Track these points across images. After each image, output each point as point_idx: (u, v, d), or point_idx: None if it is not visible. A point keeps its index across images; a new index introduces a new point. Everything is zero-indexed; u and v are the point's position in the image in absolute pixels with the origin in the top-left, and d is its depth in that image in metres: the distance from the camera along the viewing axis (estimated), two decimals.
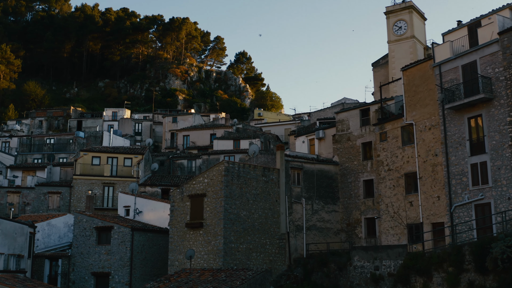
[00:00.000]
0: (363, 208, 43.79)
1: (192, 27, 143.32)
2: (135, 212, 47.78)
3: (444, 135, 37.27)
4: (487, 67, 35.33)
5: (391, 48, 56.47)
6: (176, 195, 41.10)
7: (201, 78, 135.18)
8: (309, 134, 49.35)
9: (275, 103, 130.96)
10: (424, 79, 39.43)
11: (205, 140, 74.01)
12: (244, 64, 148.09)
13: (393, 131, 41.34)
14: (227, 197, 38.62)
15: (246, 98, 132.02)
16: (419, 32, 56.77)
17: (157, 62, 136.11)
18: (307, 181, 43.86)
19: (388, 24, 56.98)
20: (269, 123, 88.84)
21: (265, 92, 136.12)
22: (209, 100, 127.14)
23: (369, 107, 44.91)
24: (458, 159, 36.32)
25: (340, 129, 46.30)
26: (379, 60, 60.73)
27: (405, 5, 56.48)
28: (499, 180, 33.87)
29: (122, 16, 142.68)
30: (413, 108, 40.03)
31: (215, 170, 39.39)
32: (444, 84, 37.75)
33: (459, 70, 36.96)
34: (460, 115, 36.50)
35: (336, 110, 77.28)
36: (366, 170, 44.09)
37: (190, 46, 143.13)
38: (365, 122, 44.90)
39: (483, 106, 35.22)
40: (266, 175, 41.22)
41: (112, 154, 59.11)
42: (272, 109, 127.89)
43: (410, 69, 40.59)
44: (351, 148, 45.29)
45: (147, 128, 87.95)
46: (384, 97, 45.39)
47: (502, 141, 33.95)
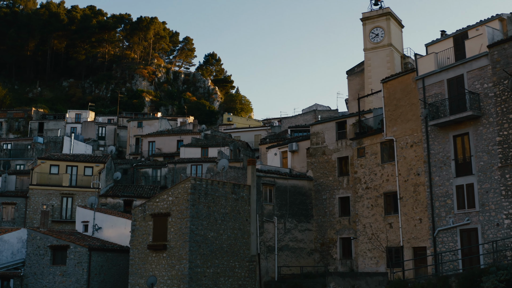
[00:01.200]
0: (338, 227, 40.88)
1: (160, 27, 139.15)
2: (94, 228, 44.10)
3: (427, 154, 34.55)
4: (475, 82, 32.68)
5: (367, 56, 53.75)
6: (138, 213, 37.61)
7: (169, 79, 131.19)
8: (281, 146, 46.31)
9: (244, 106, 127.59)
10: (406, 93, 36.67)
11: (172, 146, 70.43)
12: (214, 66, 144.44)
13: (372, 147, 38.50)
14: (193, 217, 35.30)
15: (215, 100, 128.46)
16: (396, 40, 54.20)
17: (124, 62, 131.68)
18: (280, 198, 40.78)
19: (364, 31, 54.24)
20: (238, 129, 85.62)
21: (234, 95, 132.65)
22: (177, 102, 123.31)
23: (346, 120, 42.02)
24: (442, 180, 33.61)
25: (315, 142, 43.32)
26: (354, 68, 58.00)
27: (382, 12, 53.81)
28: (487, 204, 31.24)
29: (88, 14, 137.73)
30: (393, 123, 37.23)
31: (181, 188, 36.02)
32: (428, 98, 35.02)
33: (445, 84, 34.26)
34: (445, 133, 33.80)
35: (307, 117, 74.80)
36: (342, 187, 41.18)
37: (158, 47, 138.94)
38: (342, 135, 42.02)
39: (470, 124, 32.57)
40: (236, 192, 37.99)
41: (71, 163, 55.14)
42: (242, 113, 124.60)
43: (391, 81, 37.79)
44: (326, 162, 42.35)
45: (111, 132, 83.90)
46: (362, 109, 42.53)
47: (491, 162, 31.32)
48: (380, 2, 54.98)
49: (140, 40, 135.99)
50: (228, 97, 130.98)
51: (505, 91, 31.10)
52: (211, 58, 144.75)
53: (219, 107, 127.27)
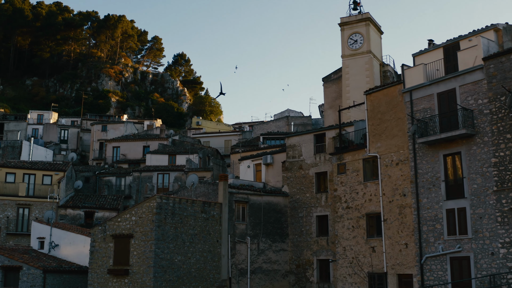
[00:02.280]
0: (315, 247, 37.73)
1: (128, 26, 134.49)
2: (51, 246, 40.12)
3: (415, 173, 31.62)
4: (468, 98, 29.85)
5: (345, 63, 50.75)
6: (98, 233, 33.86)
7: (136, 79, 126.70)
8: (255, 158, 42.98)
9: (214, 109, 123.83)
10: (392, 106, 33.69)
11: (138, 152, 66.55)
12: (183, 66, 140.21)
13: (354, 163, 35.43)
14: (158, 239, 31.75)
15: (183, 102, 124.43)
16: (375, 47, 51.35)
17: (90, 61, 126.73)
18: (253, 216, 37.46)
19: (342, 36, 51.22)
20: (208, 134, 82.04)
21: (204, 97, 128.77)
22: (144, 103, 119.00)
23: (325, 133, 38.88)
24: (431, 202, 30.71)
25: (291, 155, 40.10)
26: (331, 75, 54.98)
27: (361, 17, 50.86)
28: (480, 231, 28.43)
29: (54, 10, 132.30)
30: (377, 138, 34.20)
31: (145, 207, 32.43)
32: (416, 113, 32.10)
33: (434, 98, 31.37)
34: (435, 151, 30.91)
35: (280, 123, 71.68)
36: (320, 205, 38.05)
37: (125, 46, 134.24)
38: (320, 149, 38.89)
39: (463, 142, 29.74)
40: (206, 211, 34.54)
41: (29, 171, 50.90)
42: (211, 115, 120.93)
43: (375, 93, 34.77)
44: (303, 178, 39.18)
45: (74, 135, 79.43)
46: (343, 121, 39.48)
47: (485, 186, 28.52)
48: (360, 7, 52.07)
49: (107, 38, 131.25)
50: (197, 99, 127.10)
51: (502, 108, 28.33)
52: (180, 58, 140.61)
53: (188, 109, 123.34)
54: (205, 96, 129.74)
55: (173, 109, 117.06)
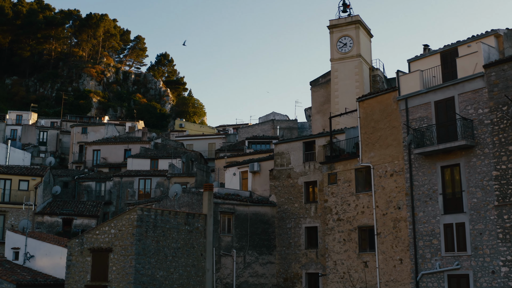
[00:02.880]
0: (304, 260, 35.90)
1: (111, 25, 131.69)
2: (26, 257, 37.83)
3: (410, 185, 29.94)
4: (467, 107, 28.21)
5: (334, 67, 48.92)
6: (75, 246, 31.75)
7: (118, 79, 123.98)
8: (241, 166, 41.04)
9: (197, 110, 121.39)
10: (386, 114, 31.96)
11: (119, 156, 64.25)
12: (166, 67, 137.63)
13: (345, 173, 33.66)
14: (139, 254, 29.74)
15: (166, 103, 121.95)
16: (365, 51, 49.63)
17: (71, 60, 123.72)
18: (240, 227, 35.55)
19: (331, 39, 49.38)
20: (191, 136, 79.89)
21: (187, 98, 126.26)
22: (126, 104, 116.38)
23: (315, 140, 37.07)
24: (427, 216, 29.04)
25: (279, 163, 38.24)
26: (319, 79, 53.17)
27: (351, 20, 49.06)
28: (480, 248, 26.81)
29: (35, 8, 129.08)
30: (371, 147, 32.46)
31: (125, 219, 30.39)
32: (412, 122, 30.41)
33: (431, 107, 29.71)
34: (432, 163, 29.25)
35: (265, 127, 69.86)
36: (309, 215, 36.24)
37: (108, 45, 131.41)
38: (310, 157, 37.08)
39: (462, 154, 28.10)
40: (190, 223, 32.56)
41: (5, 175, 48.47)
42: (194, 117, 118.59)
43: (369, 100, 33.02)
44: (292, 187, 37.34)
45: (53, 137, 76.79)
46: (333, 128, 37.70)
47: (486, 200, 26.89)
48: (349, 9, 50.29)
49: (89, 37, 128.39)
50: (181, 100, 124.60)
51: (504, 118, 26.74)
52: (164, 58, 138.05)
53: (171, 110, 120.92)
54: (188, 97, 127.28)
55: (155, 110, 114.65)
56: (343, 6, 50.55)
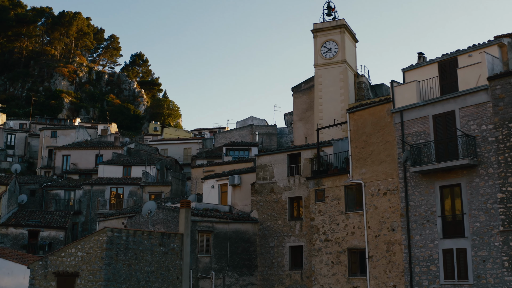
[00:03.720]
0: (288, 282, 33.18)
1: (84, 23, 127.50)
2: None
3: (406, 205, 27.43)
4: (469, 122, 25.79)
5: (318, 73, 46.36)
6: (38, 269, 28.56)
7: (91, 79, 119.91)
8: (220, 178, 38.15)
9: (172, 112, 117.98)
10: (379, 128, 29.41)
11: (90, 162, 60.81)
12: (140, 67, 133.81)
13: (334, 190, 31.02)
14: (109, 280, 26.74)
15: (140, 104, 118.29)
16: (350, 56, 47.17)
17: (43, 59, 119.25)
18: (219, 247, 32.70)
19: (315, 44, 46.81)
20: (166, 141, 76.66)
21: (162, 99, 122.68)
22: (98, 104, 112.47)
23: (300, 152, 34.36)
24: (424, 240, 26.58)
25: (262, 176, 35.48)
26: (301, 85, 50.57)
27: (336, 24, 46.54)
28: (483, 277, 24.41)
29: (6, 5, 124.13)
30: (362, 163, 29.88)
31: (93, 241, 27.33)
32: (408, 137, 27.91)
33: (430, 121, 27.25)
34: (430, 182, 26.79)
35: (243, 132, 67.08)
36: (294, 234, 33.54)
37: (81, 44, 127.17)
38: (294, 171, 34.39)
39: (463, 173, 25.67)
40: (165, 244, 29.60)
41: None
42: (169, 119, 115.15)
43: (360, 112, 30.42)
44: (275, 202, 34.61)
45: (21, 141, 72.85)
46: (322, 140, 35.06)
47: (490, 224, 24.50)
48: (334, 12, 47.80)
49: (62, 36, 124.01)
50: (155, 101, 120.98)
51: (510, 136, 24.36)
52: (138, 58, 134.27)
53: (145, 112, 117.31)
54: (163, 99, 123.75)
55: (129, 111, 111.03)
56: (327, 9, 48.10)
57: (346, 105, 44.71)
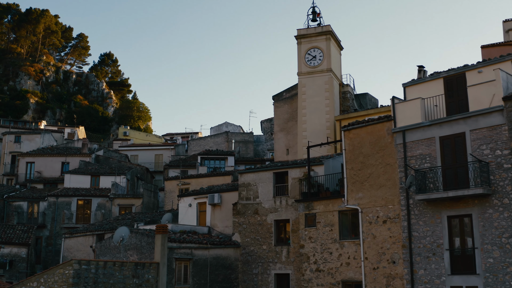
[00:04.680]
0: None
1: (52, 21, 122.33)
2: None
3: (408, 236, 24.61)
4: (482, 146, 23.07)
5: (301, 82, 43.46)
6: None
7: (58, 79, 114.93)
8: (198, 196, 34.87)
9: (142, 114, 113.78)
10: (378, 148, 26.54)
11: (55, 170, 56.81)
12: (110, 67, 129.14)
13: (327, 215, 28.05)
14: None
15: (109, 106, 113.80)
16: (335, 64, 44.41)
17: (8, 57, 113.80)
18: (198, 275, 29.43)
19: (299, 51, 43.90)
20: (136, 146, 72.90)
21: (131, 101, 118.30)
22: (65, 105, 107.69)
23: (287, 171, 31.31)
24: (429, 275, 23.77)
25: (245, 196, 32.32)
26: (283, 93, 47.62)
27: (321, 30, 43.70)
28: None
29: None
30: (359, 187, 26.96)
31: (58, 274, 23.84)
32: (411, 160, 25.09)
33: (436, 143, 24.46)
34: (436, 211, 24.01)
35: (219, 139, 63.91)
36: (280, 260, 30.47)
37: (48, 42, 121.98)
38: (281, 190, 31.34)
39: (475, 203, 22.94)
40: (139, 275, 26.21)
41: None
42: (139, 121, 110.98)
43: (357, 130, 27.51)
44: (260, 225, 31.50)
45: None
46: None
47: (505, 261, 21.83)
48: (319, 18, 44.94)
49: (28, 33, 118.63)
50: (124, 103, 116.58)
51: None
52: (107, 58, 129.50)
53: (114, 114, 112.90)
54: (132, 100, 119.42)
55: (97, 113, 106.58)
56: (312, 14, 45.29)
57: (332, 117, 41.96)
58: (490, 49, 46.73)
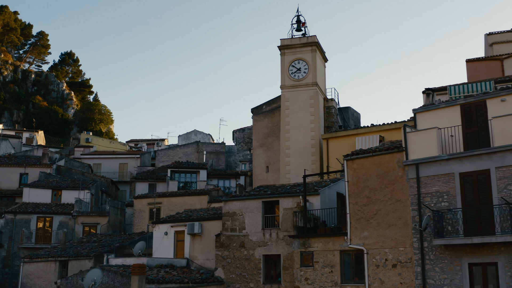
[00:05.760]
0: None
1: (11, 17, 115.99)
2: None
3: (423, 283, 21.71)
4: (509, 186, 20.30)
5: (285, 96, 40.24)
6: None
7: (16, 79, 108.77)
8: (175, 224, 31.23)
9: (104, 117, 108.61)
10: (387, 182, 23.51)
11: (13, 181, 52.11)
12: (70, 67, 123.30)
13: (326, 255, 24.87)
14: None
15: (69, 107, 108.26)
16: (320, 78, 41.38)
17: None
18: None
19: (282, 62, 40.65)
20: (99, 154, 68.37)
21: (93, 103, 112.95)
22: (24, 106, 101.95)
23: (278, 200, 28.03)
24: None
25: (229, 226, 28.90)
26: (262, 106, 44.34)
27: (307, 41, 40.55)
28: None
29: None
30: (364, 224, 23.88)
31: None
32: (425, 197, 22.15)
33: (456, 180, 21.59)
34: (455, 257, 21.13)
35: (188, 150, 60.33)
36: None
37: (6, 39, 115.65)
38: (271, 222, 28.06)
39: (501, 250, 20.18)
40: None
41: None
42: (100, 124, 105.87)
43: (361, 160, 24.42)
44: (246, 260, 28.12)
45: None
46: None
47: None
48: (304, 27, 41.79)
49: None
50: (86, 105, 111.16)
51: None
52: (68, 57, 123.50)
53: (74, 116, 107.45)
54: (94, 102, 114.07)
55: (57, 115, 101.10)
56: (297, 23, 42.14)
57: (317, 134, 38.93)
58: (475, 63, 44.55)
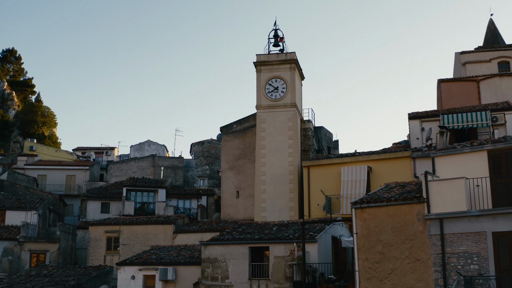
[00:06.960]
0: None
1: None
2: None
3: None
4: None
5: (260, 117, 36.63)
6: None
7: None
8: (145, 267, 27.16)
9: (47, 120, 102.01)
10: (404, 237, 20.27)
11: None
12: (12, 64, 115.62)
13: None
14: None
15: (10, 108, 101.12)
16: (299, 98, 38.06)
17: None
18: None
19: (258, 80, 37.02)
20: (45, 164, 62.73)
21: (35, 104, 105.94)
22: None
23: (268, 246, 24.40)
24: None
25: (210, 274, 25.04)
26: (233, 125, 40.56)
27: (285, 58, 37.09)
28: None
29: None
30: (377, 285, 20.53)
31: None
32: (451, 258, 19.09)
33: (488, 241, 18.63)
34: None
35: (144, 164, 55.97)
36: None
37: None
38: (259, 271, 24.40)
39: None
40: None
41: None
42: (43, 127, 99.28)
43: (373, 209, 21.06)
44: None
45: None
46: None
47: None
48: (282, 43, 38.32)
49: None
50: (28, 106, 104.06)
51: None
52: (10, 54, 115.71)
53: (15, 117, 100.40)
54: (37, 104, 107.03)
55: None
56: (274, 38, 38.61)
57: (296, 160, 35.61)
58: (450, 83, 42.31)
